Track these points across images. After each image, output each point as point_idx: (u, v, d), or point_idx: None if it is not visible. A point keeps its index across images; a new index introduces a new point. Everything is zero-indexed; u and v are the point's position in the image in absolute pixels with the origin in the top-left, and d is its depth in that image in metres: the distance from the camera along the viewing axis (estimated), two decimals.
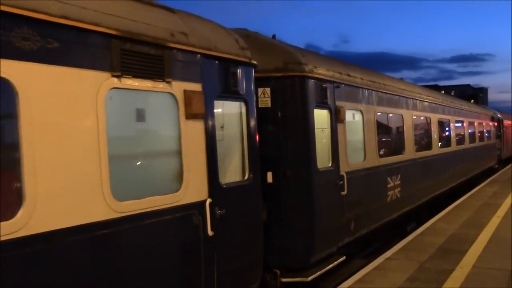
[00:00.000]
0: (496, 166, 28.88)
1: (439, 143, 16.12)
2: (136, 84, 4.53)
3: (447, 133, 17.77)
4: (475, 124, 23.13)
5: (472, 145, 21.81)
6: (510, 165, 30.65)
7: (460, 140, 19.50)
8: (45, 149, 3.66)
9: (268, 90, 7.50)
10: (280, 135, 7.53)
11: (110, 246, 4.21)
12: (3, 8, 3.38)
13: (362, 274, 8.05)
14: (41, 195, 3.59)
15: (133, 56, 4.49)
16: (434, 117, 15.65)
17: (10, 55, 3.48)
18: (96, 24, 4.15)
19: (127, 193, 4.36)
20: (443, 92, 32.88)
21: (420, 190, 13.49)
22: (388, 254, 9.38)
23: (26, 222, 3.49)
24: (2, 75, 3.43)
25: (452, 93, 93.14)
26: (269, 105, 7.50)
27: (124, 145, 4.65)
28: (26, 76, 3.57)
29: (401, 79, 15.54)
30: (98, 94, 4.12)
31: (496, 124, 29.99)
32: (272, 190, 7.35)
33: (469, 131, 21.55)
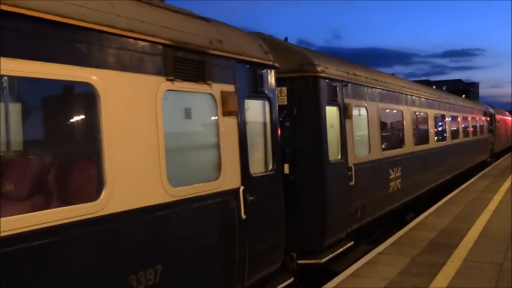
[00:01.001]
0: (489, 159, 29.81)
1: (436, 137, 16.94)
2: (185, 86, 5.25)
3: (442, 127, 18.59)
4: (469, 119, 24.01)
5: (466, 139, 22.68)
6: (501, 159, 31.59)
7: (455, 134, 20.34)
8: (119, 142, 4.37)
9: (284, 89, 8.22)
10: (295, 130, 8.26)
11: (167, 225, 4.93)
12: (105, 28, 4.08)
13: (355, 269, 8.15)
14: (117, 180, 4.31)
15: (182, 62, 5.20)
16: (431, 113, 16.47)
17: (95, 64, 4.18)
18: (154, 36, 4.86)
19: (178, 180, 5.07)
20: (434, 87, 33.69)
21: (419, 182, 14.29)
22: (380, 248, 9.45)
23: (106, 203, 4.21)
24: (88, 80, 4.13)
25: (444, 88, 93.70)
26: (286, 103, 8.22)
27: (176, 139, 5.34)
28: (105, 81, 4.27)
29: (393, 74, 15.92)
30: (156, 96, 4.83)
31: (488, 119, 30.91)
32: (288, 180, 8.07)
33: (463, 125, 22.41)
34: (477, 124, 26.54)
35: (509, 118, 47.15)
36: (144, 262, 4.58)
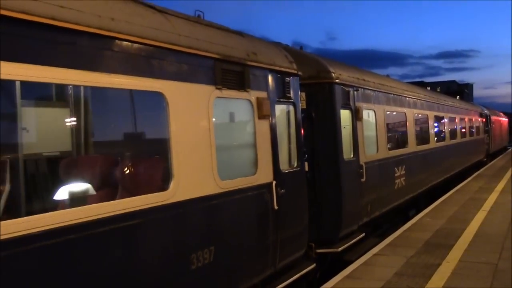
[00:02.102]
0: (485, 159, 30.76)
1: (435, 138, 17.85)
2: (229, 93, 6.08)
3: (441, 128, 19.50)
4: (466, 120, 24.96)
5: (463, 139, 23.62)
6: (495, 160, 32.38)
7: (453, 135, 21.26)
8: (182, 141, 5.19)
9: (303, 94, 9.05)
10: (314, 131, 9.10)
11: (217, 212, 5.76)
12: (171, 46, 4.92)
13: (350, 270, 8.19)
14: (182, 174, 5.13)
15: (227, 73, 6.04)
16: (431, 114, 17.38)
17: (164, 76, 5.01)
18: (206, 51, 5.70)
19: (225, 174, 5.90)
20: (429, 88, 34.55)
21: (421, 180, 15.18)
22: (375, 250, 9.52)
23: (174, 192, 5.03)
24: (158, 90, 4.96)
25: (438, 90, 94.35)
26: (305, 107, 9.06)
27: (223, 139, 6.16)
28: (171, 91, 5.10)
29: (387, 76, 16.31)
30: (209, 102, 5.67)
31: (484, 120, 31.89)
32: (307, 177, 8.90)
33: (460, 126, 23.34)
34: (473, 125, 27.49)
35: (504, 119, 48.24)
36: (202, 243, 5.41)
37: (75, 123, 5.39)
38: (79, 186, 4.74)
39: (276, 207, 6.84)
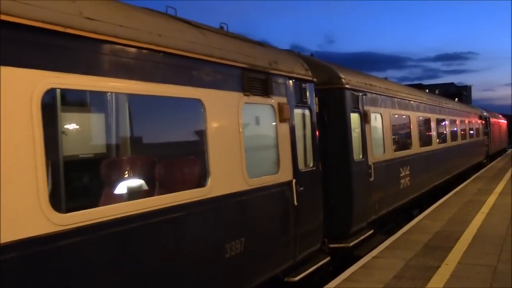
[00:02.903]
0: (485, 161, 31.37)
1: (437, 140, 18.47)
2: (255, 99, 6.69)
3: (443, 130, 20.12)
4: (466, 122, 25.60)
5: (464, 141, 24.26)
6: (494, 162, 32.80)
7: (454, 137, 21.89)
8: (217, 142, 5.80)
9: (316, 99, 9.65)
10: (326, 134, 9.70)
11: (246, 207, 6.36)
12: (207, 58, 5.53)
13: (349, 273, 8.17)
14: (217, 172, 5.73)
15: (253, 80, 6.65)
16: (433, 117, 18.01)
17: (201, 85, 5.62)
18: (236, 61, 6.31)
19: (252, 172, 6.50)
20: (427, 91, 35.09)
21: (424, 180, 15.79)
22: (374, 252, 9.47)
23: (212, 188, 5.63)
24: (198, 97, 5.57)
25: (436, 92, 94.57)
26: (318, 111, 9.66)
27: (250, 141, 6.75)
28: (208, 97, 5.71)
29: (385, 78, 16.45)
30: (238, 107, 6.28)
31: (483, 122, 32.53)
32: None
33: (461, 129, 23.98)
34: (473, 127, 28.13)
35: (503, 121, 48.92)
36: (234, 235, 6.01)
37: (134, 128, 6.05)
38: (135, 182, 5.35)
39: (296, 203, 7.44)
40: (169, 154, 6.04)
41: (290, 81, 7.72)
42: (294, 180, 7.47)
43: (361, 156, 10.56)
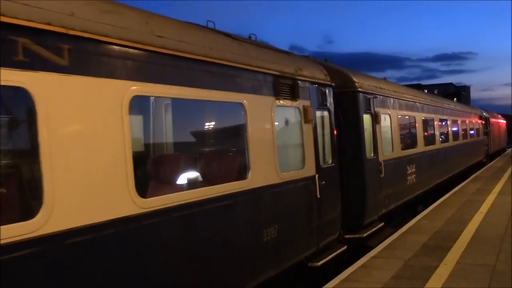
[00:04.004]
0: (485, 160, 32.23)
1: (440, 139, 19.34)
2: (285, 103, 7.54)
3: (445, 130, 20.99)
4: (467, 122, 26.48)
5: (465, 141, 25.14)
6: (493, 162, 33.32)
7: (456, 136, 22.77)
8: (255, 141, 6.63)
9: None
10: (341, 133, 10.53)
11: (278, 197, 7.20)
12: (248, 67, 6.39)
13: (348, 273, 8.21)
14: (255, 166, 6.57)
15: (283, 86, 7.49)
16: (436, 117, 18.88)
17: (243, 90, 6.47)
18: (269, 69, 7.16)
19: (283, 167, 7.34)
20: (426, 91, 35.84)
21: (428, 178, 16.65)
22: (373, 252, 9.49)
23: (252, 180, 6.48)
24: (240, 101, 6.41)
25: (435, 92, 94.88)
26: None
27: (281, 140, 7.60)
28: (248, 101, 6.54)
29: (384, 79, 16.81)
30: (272, 110, 7.12)
31: (483, 122, 33.41)
32: None
33: (462, 129, 24.86)
34: (474, 127, 29.01)
35: (502, 121, 49.84)
36: (269, 222, 6.86)
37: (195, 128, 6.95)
38: (192, 175, 6.21)
39: (318, 196, 8.29)
40: (219, 151, 6.90)
41: (313, 86, 8.57)
42: (317, 175, 8.31)
43: (372, 154, 11.41)
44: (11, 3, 3.65)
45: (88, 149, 4.18)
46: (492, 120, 39.63)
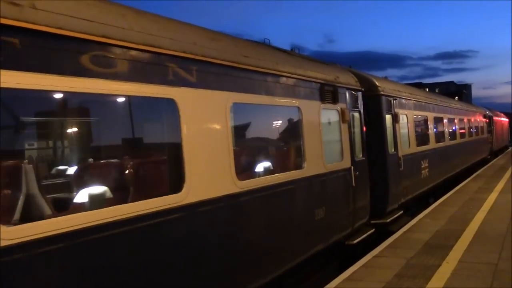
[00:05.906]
0: (489, 157, 33.67)
1: (449, 137, 20.85)
2: (328, 106, 9.04)
3: (453, 129, 22.48)
4: (472, 121, 27.98)
5: (471, 138, 26.65)
6: (495, 160, 34.17)
7: (462, 134, 24.27)
8: (308, 137, 8.11)
9: None
10: (367, 131, 12.02)
11: (325, 184, 8.70)
12: (300, 77, 7.90)
13: (350, 272, 8.26)
14: (308, 158, 8.06)
15: (326, 92, 8.98)
16: (445, 117, 20.39)
17: (299, 97, 7.95)
18: (316, 78, 8.66)
19: (328, 160, 8.83)
20: (427, 89, 37.11)
21: (439, 172, 18.14)
22: (375, 251, 9.55)
23: (306, 170, 7.97)
24: (297, 105, 7.90)
25: (437, 90, 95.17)
26: None
27: (325, 137, 9.06)
28: (302, 105, 8.02)
29: (385, 77, 16.72)
30: (319, 112, 8.62)
31: (487, 120, 34.87)
32: None
33: (468, 127, 26.36)
34: (479, 126, 30.49)
35: (504, 119, 51.27)
36: (319, 204, 8.35)
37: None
38: (266, 164, 7.72)
39: (354, 184, 9.78)
40: (284, 145, 8.43)
41: (348, 91, 10.06)
42: (352, 167, 9.81)
43: (393, 150, 12.90)
44: (163, 39, 5.16)
45: (208, 142, 5.69)
46: (495, 118, 41.06)
